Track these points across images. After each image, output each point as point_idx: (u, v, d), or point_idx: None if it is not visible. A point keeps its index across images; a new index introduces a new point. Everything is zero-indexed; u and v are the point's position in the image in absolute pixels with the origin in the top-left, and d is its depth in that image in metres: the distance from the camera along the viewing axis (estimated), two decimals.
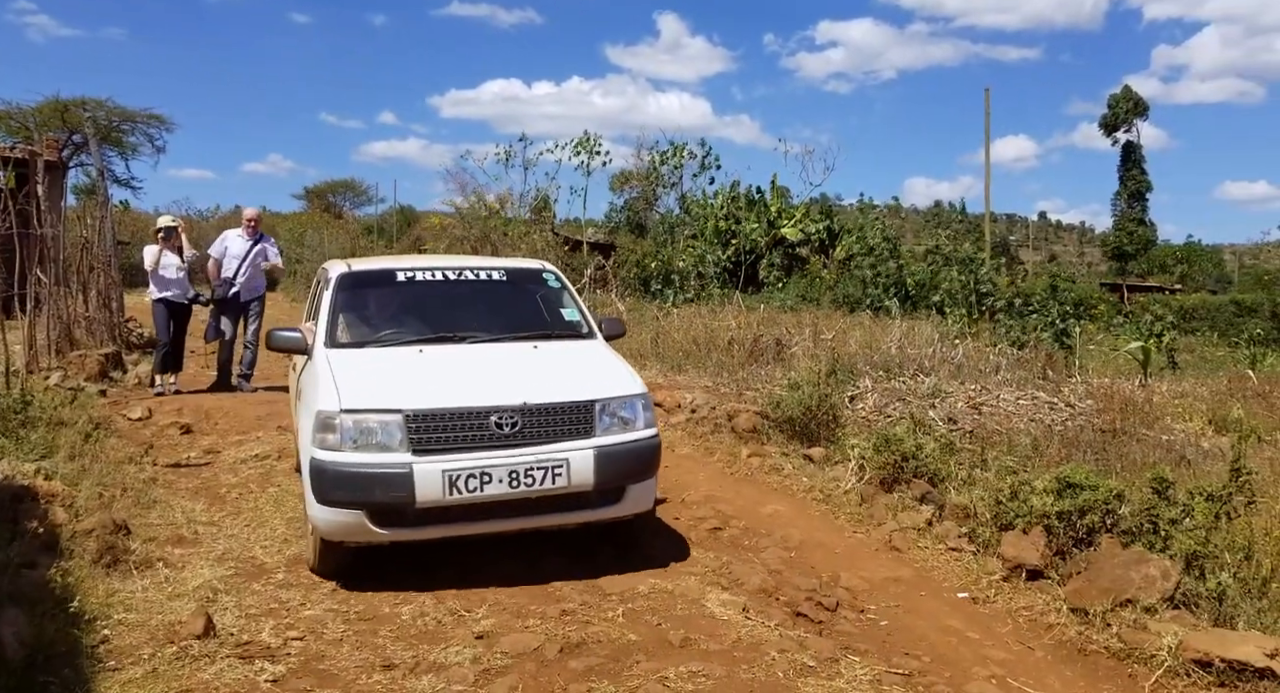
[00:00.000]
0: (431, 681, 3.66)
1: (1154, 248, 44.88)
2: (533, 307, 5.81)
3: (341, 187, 62.17)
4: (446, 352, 5.07)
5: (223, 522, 5.67)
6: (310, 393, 4.69)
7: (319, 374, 4.72)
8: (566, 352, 5.30)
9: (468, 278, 5.70)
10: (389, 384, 4.57)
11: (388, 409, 4.35)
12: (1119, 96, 45.70)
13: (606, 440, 4.59)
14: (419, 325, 5.34)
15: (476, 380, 4.69)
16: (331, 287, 5.48)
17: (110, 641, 3.87)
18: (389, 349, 5.06)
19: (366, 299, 5.57)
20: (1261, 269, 42.02)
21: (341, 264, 5.82)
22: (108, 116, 33.90)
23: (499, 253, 20.44)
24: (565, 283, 5.96)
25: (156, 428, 8.11)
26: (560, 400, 4.56)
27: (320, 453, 4.35)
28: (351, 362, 4.84)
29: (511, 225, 22.58)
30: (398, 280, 5.61)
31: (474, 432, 4.39)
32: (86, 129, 13.83)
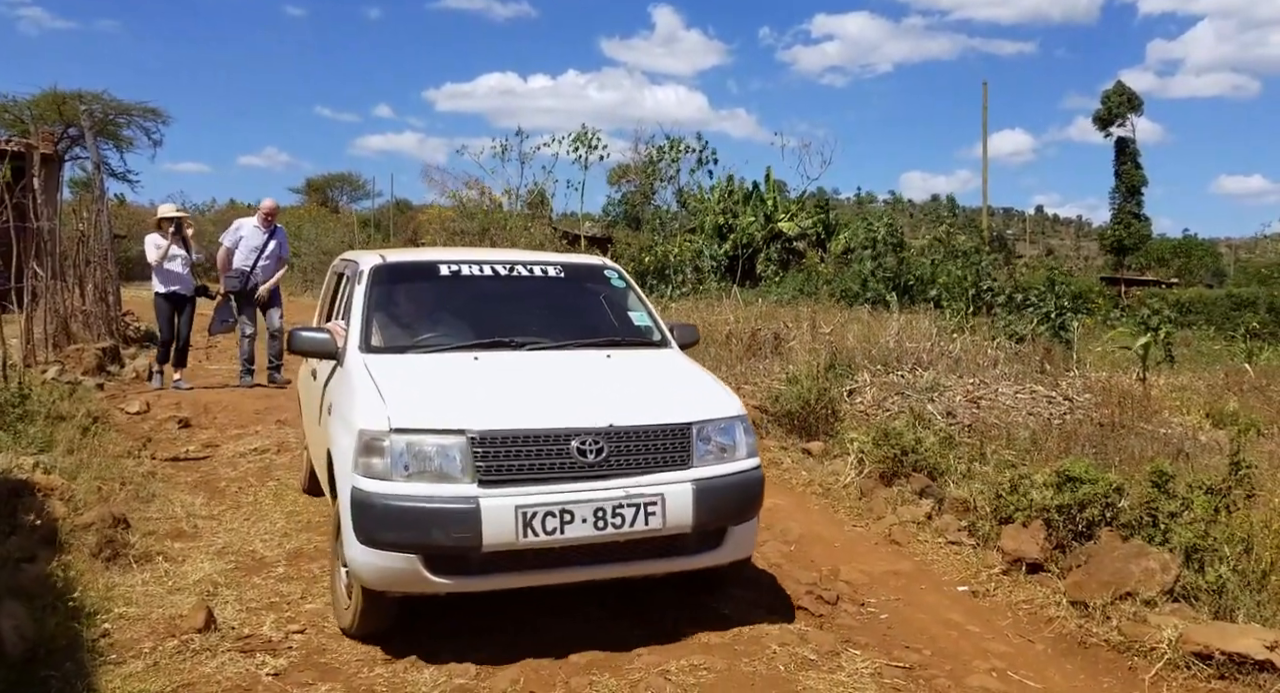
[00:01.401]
0: (433, 674, 3.66)
1: (1151, 242, 44.92)
2: (597, 309, 5.12)
3: (338, 181, 62.13)
4: (506, 360, 4.32)
5: (222, 516, 5.67)
6: (346, 406, 3.97)
7: (356, 385, 4.00)
8: (644, 363, 4.56)
9: (520, 273, 4.94)
10: (447, 399, 3.83)
11: (449, 430, 3.60)
12: (1112, 91, 45.68)
13: (706, 472, 3.84)
14: (468, 328, 4.64)
15: (550, 396, 3.95)
16: (364, 281, 4.74)
17: (111, 635, 3.87)
18: (438, 356, 4.32)
19: (405, 296, 4.85)
20: (1258, 263, 42.07)
21: (374, 255, 5.10)
22: (104, 110, 33.80)
23: (497, 246, 20.40)
24: (630, 282, 5.26)
25: (155, 422, 8.10)
26: (652, 423, 3.82)
27: (364, 482, 3.59)
28: (396, 370, 4.07)
29: (510, 219, 22.55)
30: (441, 275, 4.84)
31: (552, 459, 3.64)
32: (83, 122, 13.77)
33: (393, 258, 5.04)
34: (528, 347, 4.45)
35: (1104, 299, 22.17)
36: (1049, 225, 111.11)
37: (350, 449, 3.67)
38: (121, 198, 35.68)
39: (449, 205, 27.40)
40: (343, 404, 4.06)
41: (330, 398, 4.36)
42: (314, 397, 5.04)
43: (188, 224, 9.93)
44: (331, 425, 4.17)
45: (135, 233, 29.17)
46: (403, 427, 3.60)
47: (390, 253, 5.24)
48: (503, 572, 3.63)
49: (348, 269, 5.31)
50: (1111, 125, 45.74)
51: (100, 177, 13.65)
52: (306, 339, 4.51)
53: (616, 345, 4.70)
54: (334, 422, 4.12)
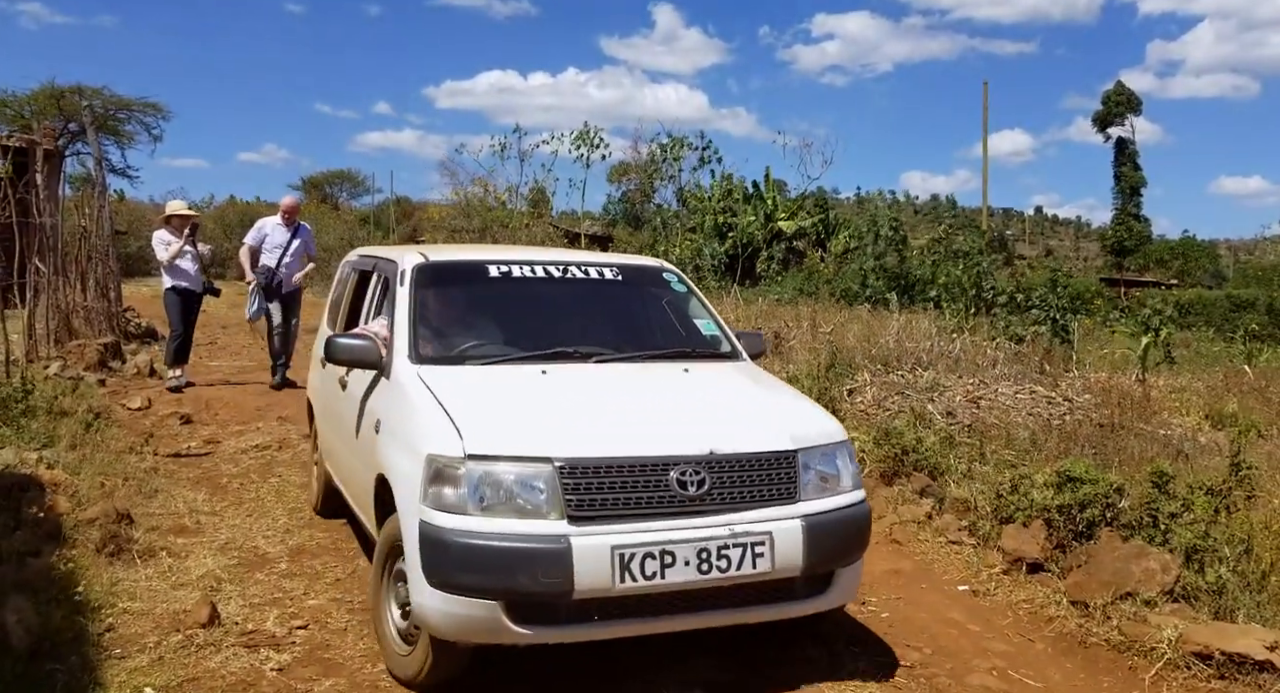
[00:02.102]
0: None
1: (1150, 243, 44.97)
2: (661, 316, 4.71)
3: (338, 177, 62.11)
4: (577, 375, 3.92)
5: (224, 511, 5.68)
6: (405, 426, 3.57)
7: (416, 402, 3.57)
8: (726, 379, 4.16)
9: (575, 275, 4.51)
10: (525, 420, 3.40)
11: (533, 457, 3.18)
12: (1111, 92, 45.76)
13: (815, 507, 3.47)
14: (525, 336, 4.23)
15: (638, 419, 3.52)
16: (407, 283, 4.27)
17: (115, 629, 3.89)
18: (500, 369, 3.89)
19: (453, 300, 4.41)
20: (1257, 264, 42.13)
21: (413, 253, 4.59)
22: (104, 105, 33.77)
23: (496, 244, 20.42)
24: (690, 285, 4.84)
25: (156, 418, 8.11)
26: (756, 450, 3.43)
27: (435, 516, 3.17)
28: (459, 385, 3.65)
29: (511, 217, 22.57)
30: (490, 277, 4.40)
31: (650, 492, 3.23)
32: (84, 117, 13.79)
33: (436, 256, 4.54)
34: (595, 359, 4.04)
35: (1103, 300, 22.19)
36: (1048, 226, 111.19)
37: (415, 477, 3.26)
38: (122, 194, 35.67)
39: (450, 202, 27.40)
40: (400, 423, 3.62)
41: (379, 414, 3.88)
42: (346, 409, 4.48)
43: (198, 224, 9.77)
44: (384, 446, 3.68)
45: (136, 229, 29.18)
46: (479, 452, 3.18)
47: (431, 251, 4.69)
48: (593, 622, 3.20)
49: (380, 268, 4.86)
50: (1110, 126, 45.80)
51: (102, 172, 13.65)
52: (346, 347, 4.06)
53: (687, 357, 4.31)
54: (387, 442, 3.66)
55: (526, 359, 3.96)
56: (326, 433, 5.27)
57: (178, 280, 9.39)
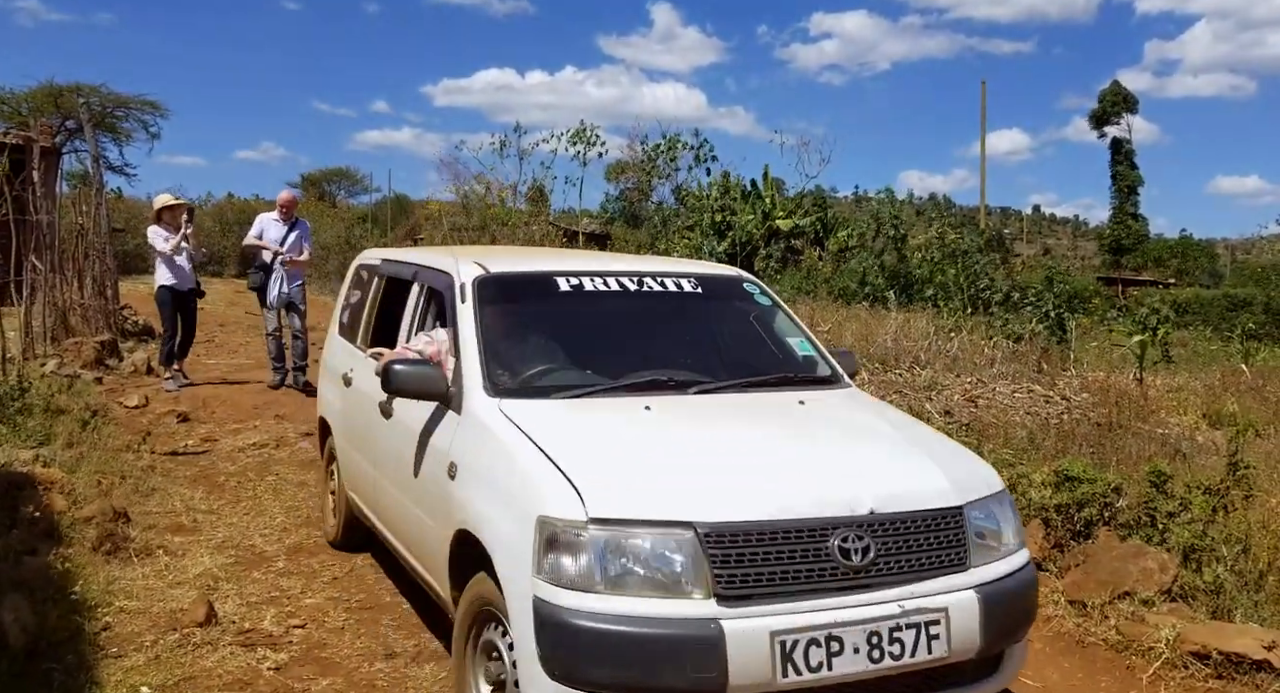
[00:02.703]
0: (434, 669, 3.68)
1: (1148, 242, 45.04)
2: (750, 334, 4.18)
3: (336, 175, 62.01)
4: (684, 410, 3.39)
5: (222, 510, 5.67)
6: (497, 476, 3.02)
7: (507, 446, 3.05)
8: (848, 412, 3.65)
9: (651, 288, 3.96)
10: (651, 473, 2.84)
11: (671, 521, 2.64)
12: (1107, 91, 45.80)
13: (987, 574, 2.93)
14: (609, 362, 3.68)
15: (780, 469, 2.96)
16: (469, 299, 3.68)
17: (112, 628, 3.89)
18: (594, 403, 3.34)
19: (523, 319, 3.84)
20: (1254, 264, 42.18)
21: (469, 263, 3.91)
22: (102, 102, 33.68)
23: (497, 243, 20.41)
24: (775, 298, 4.34)
25: (154, 416, 8.10)
26: (922, 508, 2.89)
27: (555, 594, 2.63)
28: (555, 425, 3.11)
29: (510, 215, 22.55)
30: (560, 291, 3.84)
31: (809, 563, 2.70)
32: (81, 115, 13.77)
33: (497, 267, 3.93)
34: (695, 389, 3.51)
35: (1101, 299, 22.22)
36: (1046, 225, 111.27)
37: (522, 543, 2.72)
38: (119, 191, 35.61)
39: (451, 200, 27.36)
40: (491, 473, 3.06)
41: (454, 456, 3.29)
42: (396, 443, 3.87)
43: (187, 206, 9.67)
44: (468, 498, 3.11)
45: (133, 226, 29.13)
46: (606, 516, 2.65)
47: (489, 258, 4.05)
48: None
49: (422, 277, 4.24)
50: (1107, 125, 45.85)
51: (99, 169, 13.63)
52: (410, 375, 3.46)
53: (792, 384, 3.77)
54: (473, 494, 3.09)
55: (619, 391, 3.43)
56: (357, 463, 4.57)
57: (171, 279, 9.27)
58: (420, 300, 4.21)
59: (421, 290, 4.21)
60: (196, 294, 9.61)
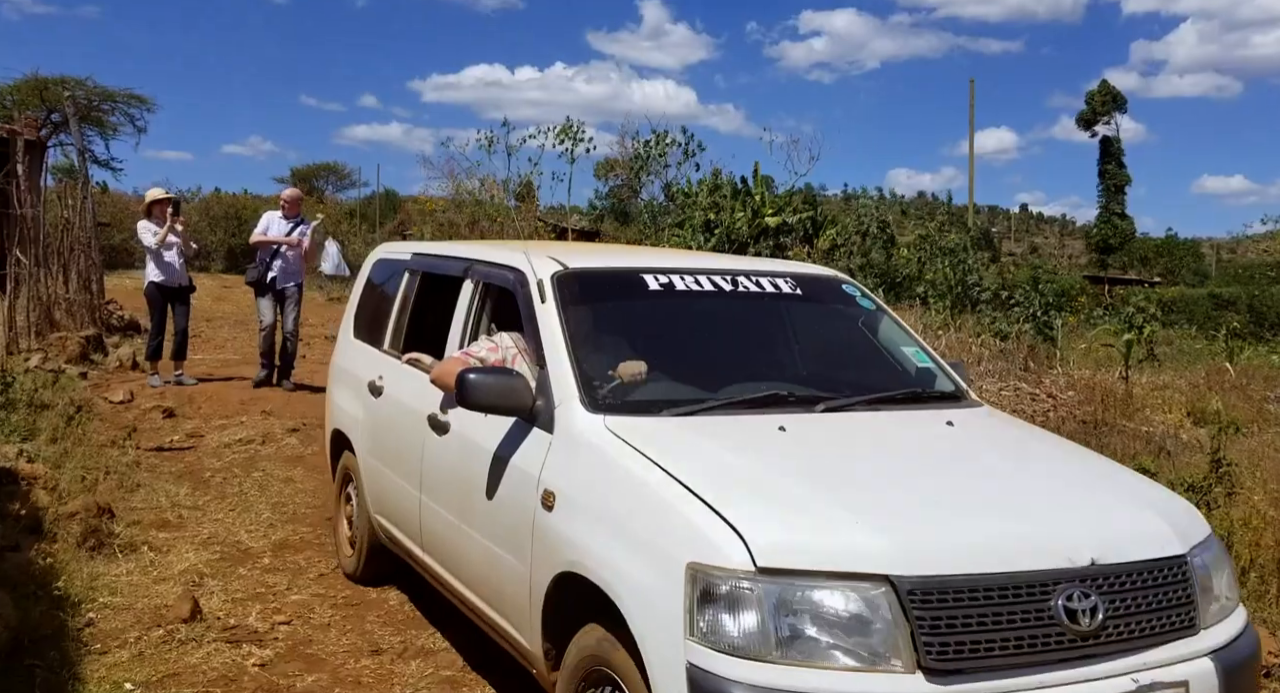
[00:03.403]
0: (419, 665, 3.68)
1: (1134, 241, 45.33)
2: (860, 342, 3.71)
3: (324, 170, 61.77)
4: (825, 431, 2.95)
5: (207, 506, 5.65)
6: (620, 508, 2.54)
7: (632, 474, 2.57)
8: (1007, 435, 3.23)
9: (747, 288, 3.52)
10: (825, 511, 2.34)
11: (862, 574, 2.16)
12: (1096, 91, 46.09)
13: (1219, 636, 2.47)
14: (716, 372, 3.28)
15: (976, 508, 2.49)
16: (550, 299, 3.21)
17: (96, 624, 3.87)
18: (717, 421, 2.88)
19: (614, 323, 3.41)
20: (1239, 263, 42.53)
21: (543, 257, 3.44)
22: (88, 96, 33.43)
23: (486, 238, 20.37)
24: (878, 302, 3.89)
25: (139, 411, 8.05)
26: (1147, 557, 2.41)
27: (714, 661, 2.16)
28: (683, 449, 2.65)
29: (499, 211, 22.50)
30: (650, 290, 3.37)
31: (1031, 627, 2.21)
32: (66, 108, 13.67)
33: (577, 262, 3.44)
34: (822, 406, 3.03)
35: (1087, 298, 22.34)
36: (1033, 223, 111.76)
37: (668, 595, 2.23)
38: (105, 185, 35.36)
39: (441, 195, 27.29)
40: (609, 504, 2.58)
41: (550, 483, 2.80)
42: (459, 465, 3.35)
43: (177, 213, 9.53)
44: (577, 534, 2.62)
45: (119, 221, 28.97)
46: (778, 565, 2.16)
47: (565, 254, 3.56)
48: None
49: (478, 272, 3.76)
50: (1096, 124, 46.12)
51: (85, 163, 13.54)
52: (492, 387, 2.96)
53: (920, 401, 3.34)
54: (584, 529, 2.61)
55: (736, 407, 2.97)
56: (391, 484, 3.99)
57: (158, 275, 9.12)
58: (475, 300, 3.72)
59: (477, 289, 3.72)
60: (188, 290, 9.38)
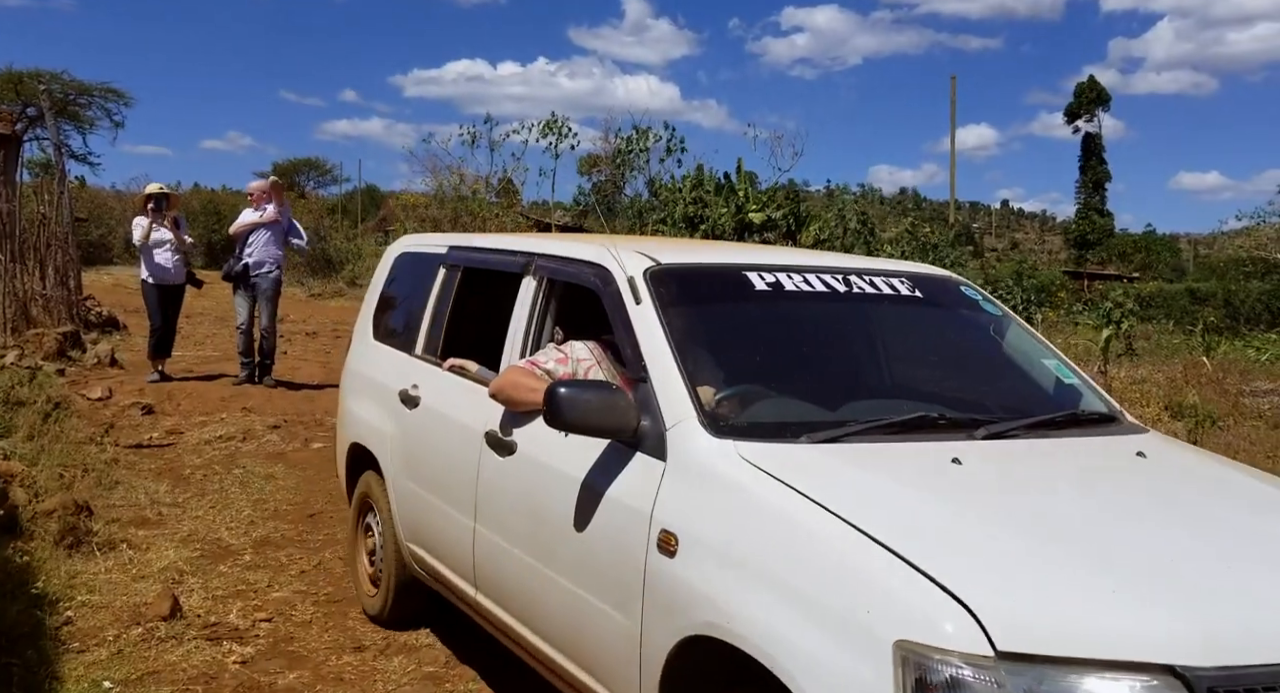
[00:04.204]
0: (402, 662, 3.66)
1: (1113, 237, 45.77)
2: (994, 353, 3.21)
3: (305, 166, 61.43)
4: (997, 463, 2.45)
5: (187, 503, 5.61)
6: (780, 562, 2.05)
7: (793, 519, 2.09)
8: (1210, 470, 2.73)
9: (862, 289, 3.04)
10: (1064, 575, 1.88)
11: (1141, 664, 1.69)
12: (1083, 86, 46.52)
13: None
14: (838, 387, 2.87)
15: (1247, 571, 1.99)
16: (645, 299, 2.74)
17: (74, 622, 3.83)
18: (869, 449, 2.42)
19: (720, 327, 2.94)
20: (1216, 259, 43.01)
21: (630, 252, 2.95)
22: (64, 90, 33.13)
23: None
24: (1001, 306, 3.42)
25: (117, 408, 7.98)
26: None
27: None
28: (848, 488, 2.18)
29: (482, 207, 22.42)
30: (756, 291, 2.89)
31: None
32: (42, 102, 13.50)
33: (669, 257, 2.97)
34: (983, 432, 2.52)
35: (1067, 293, 22.53)
36: (1014, 219, 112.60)
37: (867, 679, 1.78)
38: (82, 180, 34.99)
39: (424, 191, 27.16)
40: (763, 556, 2.08)
41: (670, 521, 2.29)
42: (533, 492, 2.87)
43: (174, 203, 9.28)
44: (720, 591, 2.11)
45: (97, 216, 28.68)
46: (1025, 650, 1.69)
47: (651, 248, 3.07)
48: None
49: (543, 268, 3.27)
50: (1079, 120, 46.52)
51: (61, 158, 13.39)
52: (592, 405, 2.46)
53: (1082, 424, 2.85)
54: (731, 584, 2.10)
55: (884, 432, 2.48)
56: (435, 511, 3.45)
57: (151, 272, 9.03)
58: (539, 300, 3.24)
59: (540, 287, 3.24)
60: (189, 283, 9.24)
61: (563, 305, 3.25)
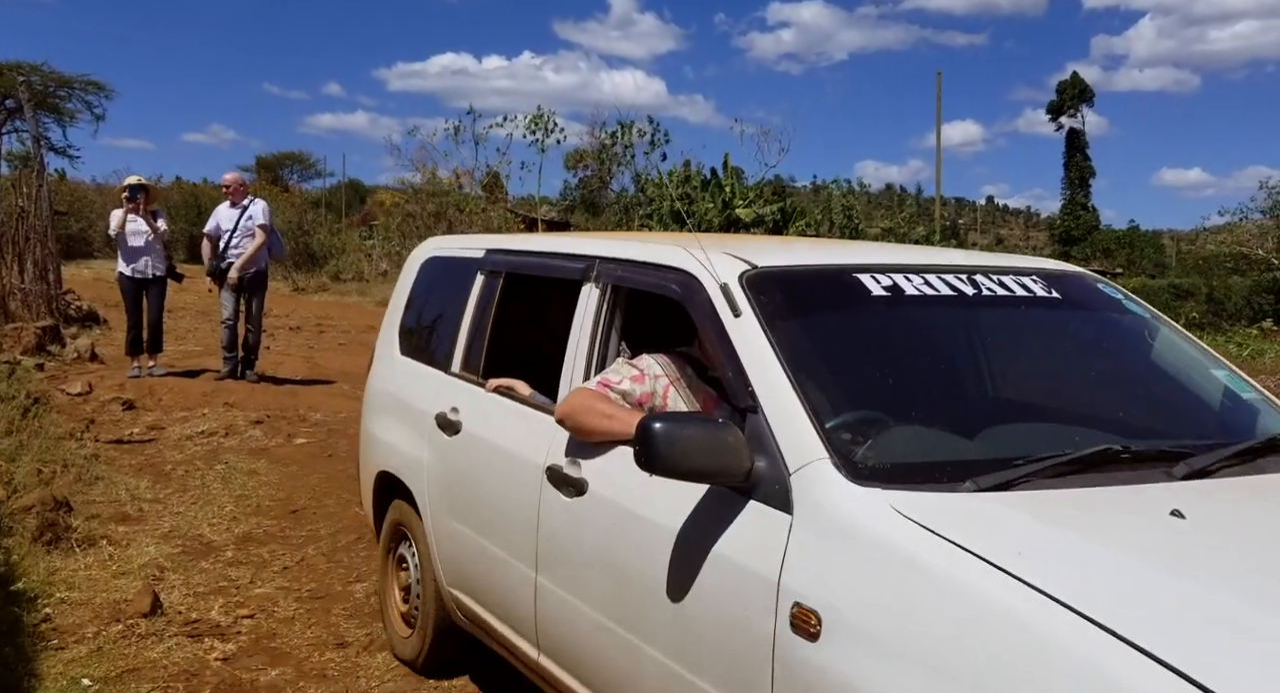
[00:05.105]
0: (386, 658, 3.64)
1: (1097, 233, 46.09)
2: (1151, 365, 2.74)
3: (289, 159, 61.08)
4: (1227, 513, 1.97)
5: (168, 499, 5.55)
6: (978, 661, 1.54)
7: (982, 598, 1.59)
8: None
9: (993, 292, 2.55)
10: None
11: None
12: (1067, 83, 46.81)
13: None
14: (982, 414, 2.52)
15: None
16: (746, 310, 2.28)
17: (52, 619, 3.79)
18: (1056, 498, 1.91)
19: (831, 345, 2.45)
20: (1198, 255, 43.36)
21: (719, 254, 2.48)
22: (43, 82, 32.78)
23: (454, 230, 20.21)
24: (1145, 304, 2.90)
25: (98, 403, 7.91)
26: None
27: None
28: (1056, 556, 1.68)
29: (467, 202, 22.35)
30: (873, 298, 2.43)
31: None
32: (21, 94, 13.35)
33: (767, 259, 2.47)
34: (1182, 469, 2.02)
35: None
36: (999, 215, 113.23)
37: None
38: (62, 173, 34.65)
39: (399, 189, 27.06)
40: (947, 649, 1.61)
41: (807, 594, 1.84)
42: (599, 539, 2.43)
43: (153, 197, 9.14)
44: (896, 688, 1.65)
45: (77, 210, 28.42)
46: None
47: (743, 249, 2.59)
48: None
49: (607, 274, 2.78)
50: (1063, 116, 46.82)
51: (40, 151, 13.24)
52: (693, 443, 1.98)
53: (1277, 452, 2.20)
54: (902, 680, 1.65)
55: (1065, 471, 1.97)
56: (483, 553, 2.99)
57: (121, 265, 8.94)
58: (603, 311, 2.77)
59: (605, 296, 2.77)
60: (169, 277, 9.09)
61: (628, 315, 2.82)
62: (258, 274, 9.00)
